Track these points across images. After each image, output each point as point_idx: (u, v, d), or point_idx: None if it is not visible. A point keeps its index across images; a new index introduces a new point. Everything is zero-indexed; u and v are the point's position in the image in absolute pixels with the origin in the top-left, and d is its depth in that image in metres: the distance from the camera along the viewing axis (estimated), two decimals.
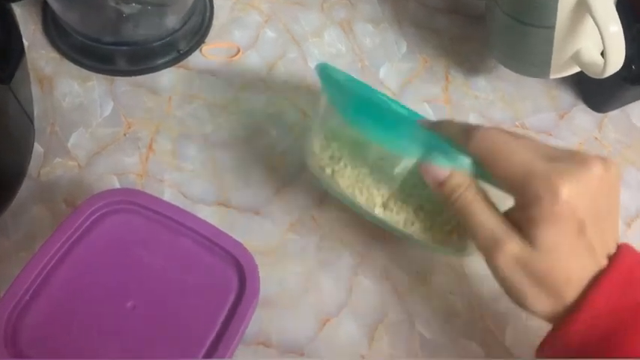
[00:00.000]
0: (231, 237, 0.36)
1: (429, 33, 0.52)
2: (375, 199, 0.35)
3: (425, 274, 0.41)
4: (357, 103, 0.35)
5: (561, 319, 0.30)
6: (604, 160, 0.29)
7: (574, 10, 0.38)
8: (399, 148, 0.34)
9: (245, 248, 0.36)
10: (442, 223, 0.35)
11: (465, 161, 0.31)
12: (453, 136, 0.31)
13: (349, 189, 0.36)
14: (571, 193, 0.27)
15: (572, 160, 0.29)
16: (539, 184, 0.27)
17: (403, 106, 0.42)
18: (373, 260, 0.41)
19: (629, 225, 0.45)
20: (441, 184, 0.31)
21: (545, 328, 0.31)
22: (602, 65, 0.39)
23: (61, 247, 0.34)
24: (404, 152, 0.33)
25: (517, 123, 0.49)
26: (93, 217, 0.36)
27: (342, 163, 0.36)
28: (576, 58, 0.42)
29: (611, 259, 0.30)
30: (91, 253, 0.35)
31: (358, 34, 0.52)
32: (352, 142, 0.36)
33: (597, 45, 0.41)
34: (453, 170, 0.31)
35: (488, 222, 0.30)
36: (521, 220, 0.29)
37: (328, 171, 0.36)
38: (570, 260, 0.29)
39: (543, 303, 0.30)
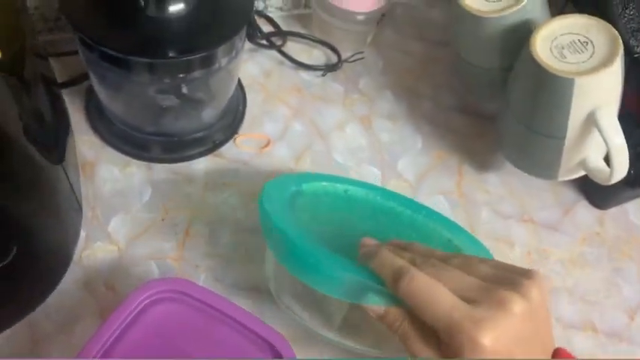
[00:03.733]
0: (269, 326, 0.38)
1: (443, 130, 0.57)
2: (331, 323, 0.39)
3: None
4: (290, 251, 0.37)
5: None
6: (524, 289, 0.30)
7: (583, 123, 0.43)
8: (334, 294, 0.36)
9: (283, 338, 0.37)
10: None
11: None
12: (384, 278, 0.33)
13: (306, 314, 0.40)
14: (492, 340, 0.28)
15: (492, 301, 0.29)
16: (461, 338, 0.29)
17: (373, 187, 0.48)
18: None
19: (632, 317, 0.48)
20: (381, 317, 0.33)
21: None
22: (609, 173, 0.43)
23: (109, 338, 0.36)
24: (339, 296, 0.36)
25: (525, 217, 0.52)
26: (139, 308, 0.38)
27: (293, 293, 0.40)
28: (583, 164, 0.46)
29: None
30: (136, 342, 0.36)
31: (377, 129, 0.56)
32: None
33: (602, 152, 0.46)
34: (388, 308, 0.33)
35: (422, 353, 0.31)
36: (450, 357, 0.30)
37: (283, 299, 0.40)
38: None
39: None
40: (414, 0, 0.66)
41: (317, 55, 0.60)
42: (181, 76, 0.43)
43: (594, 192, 0.54)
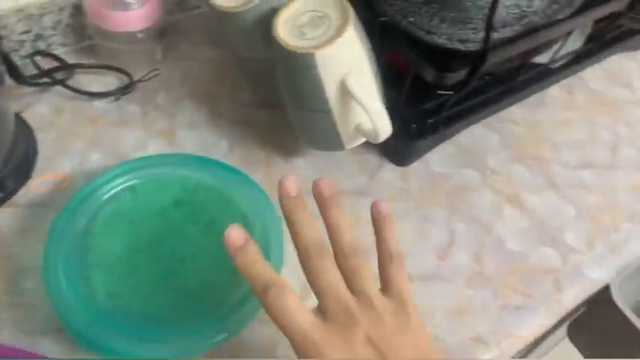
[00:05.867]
0: None
1: (246, 127, 0.58)
2: None
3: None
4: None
5: None
6: (373, 310, 0.35)
7: (340, 93, 0.45)
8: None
9: None
10: None
11: None
12: (252, 287, 0.35)
13: None
14: (337, 356, 0.33)
15: (343, 318, 0.34)
16: (312, 355, 0.33)
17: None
18: None
19: (442, 258, 0.52)
20: None
21: None
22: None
23: None
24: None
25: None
26: None
27: None
28: (358, 130, 0.49)
29: None
30: None
31: (181, 140, 0.56)
32: None
33: None
34: None
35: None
36: None
37: None
38: None
39: None
40: (204, 9, 0.68)
41: (111, 82, 0.60)
42: None
43: (393, 153, 0.57)
